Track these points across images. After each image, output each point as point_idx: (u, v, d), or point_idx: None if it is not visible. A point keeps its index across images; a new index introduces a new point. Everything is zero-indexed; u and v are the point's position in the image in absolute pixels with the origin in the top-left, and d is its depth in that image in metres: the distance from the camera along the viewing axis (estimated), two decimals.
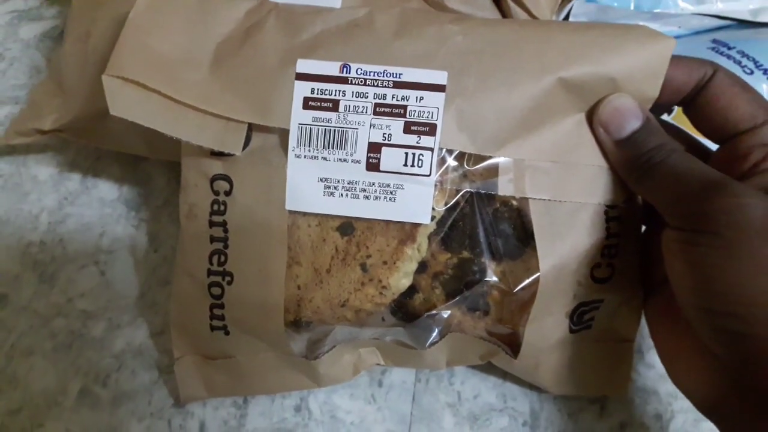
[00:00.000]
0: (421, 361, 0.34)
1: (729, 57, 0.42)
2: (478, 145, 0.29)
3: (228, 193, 0.30)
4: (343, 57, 0.29)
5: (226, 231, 0.30)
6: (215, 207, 0.30)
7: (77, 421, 0.35)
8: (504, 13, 0.37)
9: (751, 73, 0.41)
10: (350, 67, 0.29)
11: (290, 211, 0.30)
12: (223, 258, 0.30)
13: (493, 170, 0.30)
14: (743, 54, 0.42)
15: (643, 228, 0.33)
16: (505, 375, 0.37)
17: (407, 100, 0.29)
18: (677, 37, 0.46)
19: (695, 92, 0.29)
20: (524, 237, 0.31)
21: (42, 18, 0.47)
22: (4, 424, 0.34)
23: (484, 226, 0.31)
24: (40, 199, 0.40)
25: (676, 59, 0.29)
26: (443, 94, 0.29)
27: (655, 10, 0.44)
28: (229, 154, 0.29)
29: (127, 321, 0.37)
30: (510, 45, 0.29)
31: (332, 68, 0.29)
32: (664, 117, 0.40)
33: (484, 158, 0.30)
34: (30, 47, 0.46)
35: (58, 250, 0.39)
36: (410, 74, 0.29)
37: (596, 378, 0.34)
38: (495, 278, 0.31)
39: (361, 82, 0.29)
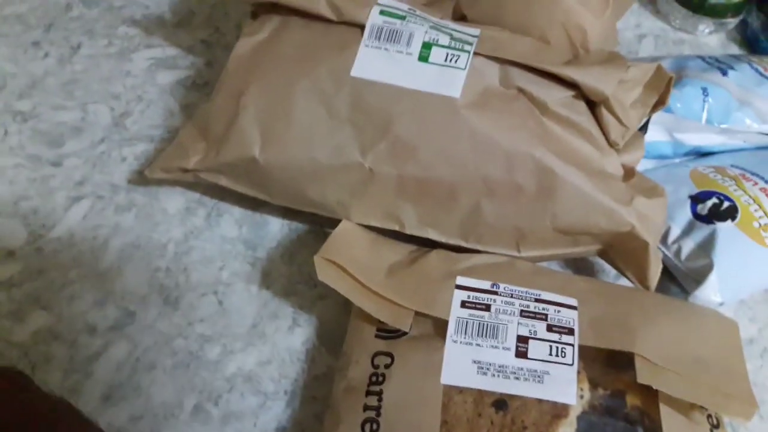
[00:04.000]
0: None
1: None
2: (613, 343, 0.35)
3: (388, 366, 0.35)
4: (492, 280, 0.38)
5: (380, 400, 0.34)
6: (374, 378, 0.35)
7: None
8: (598, 119, 0.42)
9: None
10: (499, 285, 0.38)
11: (446, 387, 0.34)
12: (375, 426, 0.33)
13: (626, 367, 0.35)
14: None
15: None
16: None
17: (547, 311, 0.37)
18: (741, 149, 0.51)
19: None
20: None
21: (177, 67, 0.53)
22: (126, 428, 0.38)
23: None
24: (169, 230, 0.45)
25: None
26: (576, 311, 0.37)
27: (722, 126, 0.50)
28: (393, 335, 0.36)
29: (240, 348, 0.41)
30: (617, 297, 0.39)
31: (484, 284, 0.37)
32: None
33: (614, 356, 0.35)
34: (165, 92, 0.52)
35: (182, 277, 0.44)
36: (548, 296, 0.37)
37: None
38: None
39: (509, 295, 0.37)
